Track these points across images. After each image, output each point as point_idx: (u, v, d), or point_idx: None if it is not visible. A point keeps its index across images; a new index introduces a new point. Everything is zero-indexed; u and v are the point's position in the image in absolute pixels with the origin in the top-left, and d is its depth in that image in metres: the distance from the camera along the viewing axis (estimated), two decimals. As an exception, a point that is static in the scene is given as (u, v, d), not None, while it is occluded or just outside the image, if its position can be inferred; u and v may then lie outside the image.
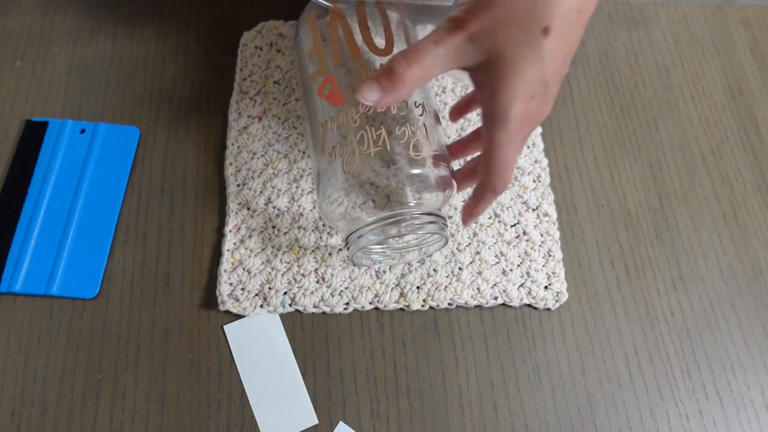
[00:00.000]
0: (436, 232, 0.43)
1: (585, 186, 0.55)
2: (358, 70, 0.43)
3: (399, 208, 0.42)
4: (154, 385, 0.46)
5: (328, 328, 0.48)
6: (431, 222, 0.42)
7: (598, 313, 0.49)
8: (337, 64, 0.44)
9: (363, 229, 0.42)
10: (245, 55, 0.59)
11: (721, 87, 0.60)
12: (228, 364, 0.47)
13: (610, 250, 0.52)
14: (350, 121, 0.42)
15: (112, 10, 0.62)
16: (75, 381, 0.46)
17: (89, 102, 0.57)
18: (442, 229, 0.43)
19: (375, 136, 0.41)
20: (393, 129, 0.41)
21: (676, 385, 0.47)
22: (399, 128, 0.41)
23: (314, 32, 0.45)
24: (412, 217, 0.41)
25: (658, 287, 0.51)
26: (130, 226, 0.51)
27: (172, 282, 0.49)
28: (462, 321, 0.49)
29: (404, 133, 0.41)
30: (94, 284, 0.49)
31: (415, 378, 0.47)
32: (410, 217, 0.41)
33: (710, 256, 0.52)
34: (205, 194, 0.53)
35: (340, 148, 0.42)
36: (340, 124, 0.42)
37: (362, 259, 0.46)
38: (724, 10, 0.65)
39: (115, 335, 0.47)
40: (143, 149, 0.55)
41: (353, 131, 0.41)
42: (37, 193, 0.52)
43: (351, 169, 0.41)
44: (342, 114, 0.42)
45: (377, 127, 0.41)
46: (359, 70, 0.43)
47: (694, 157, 0.57)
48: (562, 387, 0.47)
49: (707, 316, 0.50)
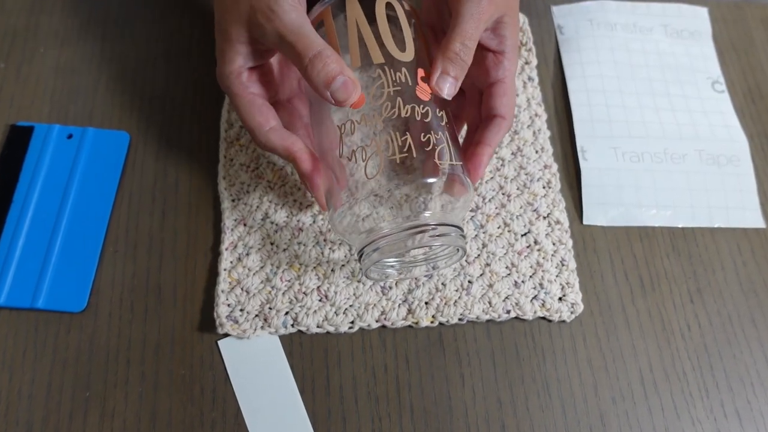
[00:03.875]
0: (458, 244, 0.43)
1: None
2: (382, 72, 0.43)
3: (420, 219, 0.42)
4: (144, 403, 0.47)
5: (327, 344, 0.49)
6: (453, 233, 0.43)
7: (611, 328, 0.50)
8: (356, 65, 0.43)
9: (380, 240, 0.42)
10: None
11: (740, 90, 0.61)
12: (222, 381, 0.47)
13: (624, 262, 0.53)
14: (373, 125, 0.42)
15: (100, 9, 0.63)
16: (62, 399, 0.47)
17: (77, 106, 0.58)
18: (462, 241, 0.44)
19: (401, 142, 0.41)
20: (418, 136, 0.42)
21: (693, 404, 0.48)
22: (424, 135, 0.42)
23: (329, 29, 0.45)
24: (434, 228, 0.42)
25: (675, 300, 0.52)
26: (119, 236, 0.52)
27: (164, 295, 0.50)
28: (468, 336, 0.49)
29: (429, 141, 0.42)
30: (82, 297, 0.50)
31: (418, 396, 0.47)
32: (432, 228, 0.42)
33: (729, 268, 0.53)
34: (198, 202, 0.54)
35: (361, 153, 0.42)
36: (361, 127, 0.42)
37: (374, 273, 0.46)
38: (743, 10, 0.66)
39: (103, 351, 0.48)
40: (133, 155, 0.56)
41: (377, 136, 0.42)
42: (22, 201, 0.52)
43: (375, 174, 0.41)
44: (364, 117, 0.42)
45: (402, 133, 0.42)
46: (384, 71, 0.43)
47: (712, 163, 0.58)
48: (573, 405, 0.48)
49: (726, 331, 0.51)
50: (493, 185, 0.55)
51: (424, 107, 0.43)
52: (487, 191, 0.54)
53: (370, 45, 0.43)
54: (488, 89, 0.47)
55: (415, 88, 0.43)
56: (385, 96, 0.42)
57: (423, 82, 0.43)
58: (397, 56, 0.43)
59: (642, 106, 0.59)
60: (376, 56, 0.43)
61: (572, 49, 0.62)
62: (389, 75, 0.43)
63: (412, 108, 0.42)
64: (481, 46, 0.46)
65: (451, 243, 0.43)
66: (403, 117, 0.42)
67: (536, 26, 0.64)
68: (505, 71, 0.47)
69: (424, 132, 0.42)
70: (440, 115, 0.44)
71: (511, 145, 0.56)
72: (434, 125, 0.43)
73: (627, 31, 0.64)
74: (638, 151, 0.57)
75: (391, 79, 0.42)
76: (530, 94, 0.59)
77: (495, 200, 0.54)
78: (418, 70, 0.44)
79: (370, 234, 0.43)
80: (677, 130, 0.58)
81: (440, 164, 0.42)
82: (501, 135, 0.46)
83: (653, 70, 0.62)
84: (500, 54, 0.47)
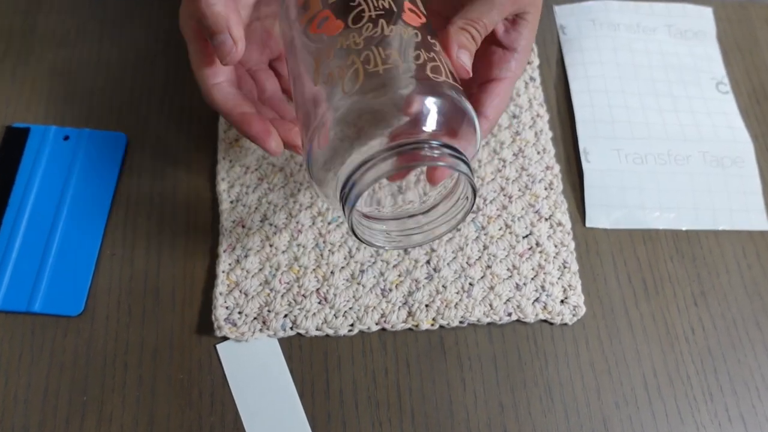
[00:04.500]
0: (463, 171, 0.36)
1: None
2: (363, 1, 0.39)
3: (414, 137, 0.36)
4: (142, 407, 0.47)
5: (327, 347, 0.49)
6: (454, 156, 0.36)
7: (614, 331, 0.50)
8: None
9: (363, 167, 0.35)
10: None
11: (744, 90, 0.62)
12: (221, 385, 0.48)
13: (627, 264, 0.53)
14: (352, 44, 0.37)
15: (97, 9, 0.63)
16: (58, 404, 0.47)
17: (73, 107, 0.58)
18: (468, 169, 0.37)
19: (384, 55, 0.37)
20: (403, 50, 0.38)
21: (698, 408, 0.48)
22: (413, 51, 0.38)
23: None
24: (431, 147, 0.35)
25: (678, 304, 0.52)
26: (117, 238, 0.52)
27: (162, 298, 0.50)
28: (470, 339, 0.50)
29: (419, 57, 0.37)
30: (79, 301, 0.50)
31: (419, 400, 0.48)
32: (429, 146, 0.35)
33: (733, 271, 0.53)
34: (197, 205, 0.54)
35: (339, 72, 0.37)
36: (338, 49, 0.38)
37: (363, 231, 0.40)
38: (748, 9, 0.66)
39: (101, 355, 0.48)
40: (131, 157, 0.56)
41: (356, 53, 0.37)
42: (18, 203, 0.53)
43: (353, 89, 0.36)
44: (341, 38, 0.38)
45: (386, 47, 0.37)
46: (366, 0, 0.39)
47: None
48: (576, 410, 0.48)
49: (730, 335, 0.51)
50: (495, 186, 0.55)
51: (412, 30, 0.39)
52: (488, 192, 0.54)
53: None
54: (483, 85, 0.44)
55: (401, 13, 0.39)
56: (365, 19, 0.38)
57: (411, 12, 0.40)
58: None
59: (645, 107, 0.60)
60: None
61: (575, 50, 0.63)
62: (371, 2, 0.39)
63: (397, 28, 0.38)
64: (490, 39, 0.44)
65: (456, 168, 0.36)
66: (386, 35, 0.38)
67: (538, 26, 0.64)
68: (508, 71, 0.44)
69: (412, 49, 0.38)
70: (432, 42, 0.39)
71: (513, 146, 0.57)
72: (425, 45, 0.39)
73: (630, 31, 0.64)
74: (641, 153, 0.57)
75: (372, 5, 0.39)
76: (532, 95, 0.60)
77: (496, 202, 0.54)
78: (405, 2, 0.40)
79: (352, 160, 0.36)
80: (681, 131, 0.59)
81: (434, 77, 0.37)
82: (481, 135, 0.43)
83: (657, 70, 0.62)
84: (510, 51, 0.44)
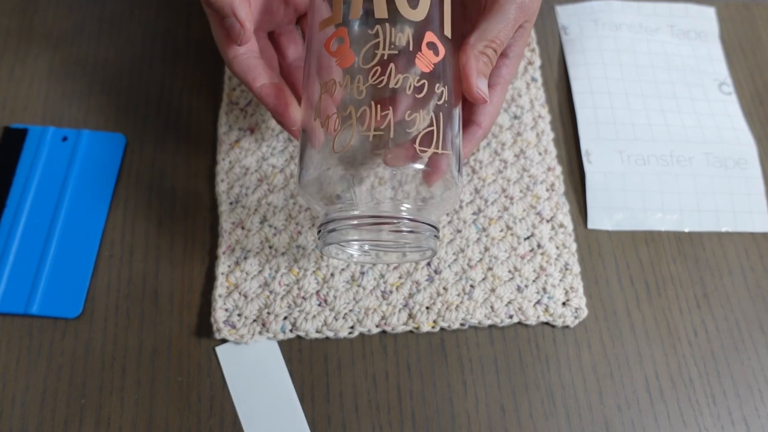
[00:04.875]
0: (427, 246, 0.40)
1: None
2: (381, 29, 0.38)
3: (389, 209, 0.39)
4: (141, 410, 0.47)
5: (327, 350, 0.49)
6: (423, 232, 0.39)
7: (616, 334, 0.51)
8: (355, 16, 0.39)
9: (337, 222, 0.39)
10: None
11: (748, 91, 0.62)
12: (220, 388, 0.48)
13: (630, 266, 0.53)
14: (355, 90, 0.38)
15: (95, 9, 0.63)
16: (56, 406, 0.47)
17: (72, 108, 0.58)
18: (431, 243, 0.40)
19: (380, 117, 0.37)
20: (404, 113, 0.38)
21: (700, 411, 0.48)
22: (410, 113, 0.38)
23: None
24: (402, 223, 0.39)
25: (681, 306, 0.52)
26: (115, 240, 0.53)
27: (161, 300, 0.50)
28: (471, 342, 0.50)
29: (414, 121, 0.38)
30: (77, 303, 0.50)
31: (420, 403, 0.48)
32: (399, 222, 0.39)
33: (736, 273, 0.53)
34: (196, 207, 0.54)
35: (335, 121, 0.38)
36: (342, 90, 0.39)
37: (333, 252, 0.43)
38: (751, 10, 0.66)
39: (99, 357, 0.49)
40: (130, 158, 0.56)
41: (355, 104, 0.38)
42: (16, 204, 0.53)
43: (342, 149, 0.38)
44: (347, 79, 0.38)
45: (384, 107, 0.38)
46: (384, 29, 0.38)
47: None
48: (578, 413, 0.48)
49: (733, 337, 0.51)
50: (496, 188, 0.55)
51: (419, 80, 0.38)
52: (490, 194, 0.55)
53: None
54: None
55: (416, 54, 0.39)
56: (377, 59, 0.38)
57: (428, 49, 0.39)
58: (404, 13, 0.39)
59: (648, 108, 0.60)
60: (379, 9, 0.38)
61: (576, 50, 0.63)
62: (388, 35, 0.38)
63: (404, 78, 0.38)
64: None
65: (419, 244, 0.40)
66: (391, 87, 0.38)
67: (540, 26, 0.64)
68: (499, 78, 0.45)
69: (411, 109, 0.38)
70: (440, 92, 0.39)
71: (514, 147, 0.57)
72: (427, 103, 0.39)
73: (632, 31, 0.64)
74: (644, 154, 0.57)
75: (388, 40, 0.38)
76: (534, 96, 0.60)
77: (497, 203, 0.54)
78: (426, 33, 0.39)
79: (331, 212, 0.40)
80: (684, 132, 0.59)
81: (419, 150, 0.38)
82: (473, 144, 0.44)
83: (659, 71, 0.62)
84: (502, 58, 0.44)
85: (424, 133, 0.38)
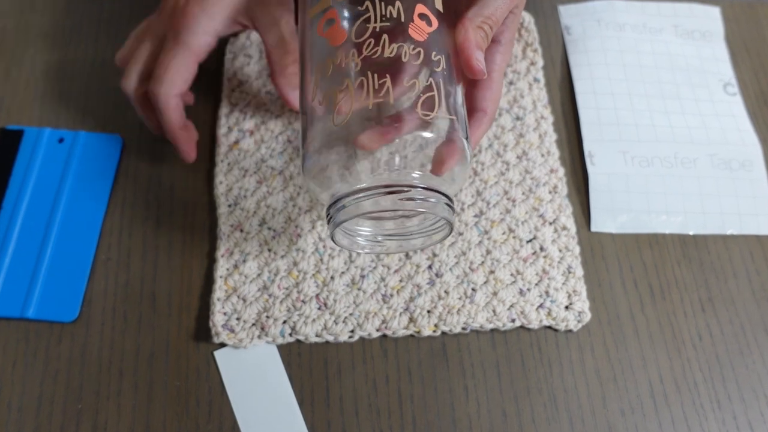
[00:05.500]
0: (443, 215, 0.38)
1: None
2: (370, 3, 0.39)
3: (400, 178, 0.38)
4: (138, 415, 0.47)
5: (327, 354, 0.49)
6: (437, 201, 0.38)
7: (619, 338, 0.51)
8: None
9: (347, 198, 0.38)
10: (234, 64, 0.60)
11: (753, 92, 0.62)
12: (219, 393, 0.48)
13: (633, 269, 0.53)
14: (350, 63, 0.38)
15: (93, 10, 0.63)
16: (53, 411, 0.47)
17: (68, 109, 0.58)
18: (449, 213, 0.39)
19: (377, 84, 0.37)
20: (401, 79, 0.38)
21: (705, 416, 0.48)
22: (408, 79, 0.38)
23: None
24: (414, 191, 0.37)
25: (685, 309, 0.52)
26: (112, 243, 0.53)
27: (158, 304, 0.51)
28: (472, 346, 0.50)
29: (414, 86, 0.38)
30: (74, 306, 0.50)
31: (421, 408, 0.48)
32: (411, 190, 0.37)
33: (741, 276, 0.54)
34: (194, 209, 0.54)
35: (332, 96, 0.38)
36: (336, 66, 0.39)
37: (343, 239, 0.42)
38: (757, 9, 0.67)
39: (96, 362, 0.49)
40: (127, 160, 0.56)
41: (352, 76, 0.38)
42: (11, 207, 0.53)
43: (342, 121, 0.37)
44: (341, 54, 0.38)
45: (382, 75, 0.38)
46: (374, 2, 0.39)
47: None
48: (581, 418, 0.48)
49: (738, 341, 0.51)
50: (498, 190, 0.55)
51: (415, 48, 0.39)
52: (492, 196, 0.55)
53: None
54: (473, 81, 0.45)
55: (408, 24, 0.39)
56: (369, 32, 0.38)
57: (420, 19, 0.39)
58: None
59: (651, 109, 0.60)
60: None
61: (579, 50, 0.63)
62: (378, 8, 0.39)
63: (399, 47, 0.38)
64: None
65: (435, 212, 0.38)
66: (386, 56, 0.38)
67: (543, 26, 0.64)
68: (494, 64, 0.45)
69: (409, 77, 0.38)
70: (437, 59, 0.39)
71: (517, 149, 0.57)
72: (425, 69, 0.39)
73: (636, 31, 0.64)
74: (648, 156, 0.58)
75: (379, 12, 0.39)
76: (536, 96, 0.60)
77: (500, 205, 0.54)
78: (417, 5, 0.40)
79: (338, 191, 0.39)
80: (688, 133, 0.59)
81: (422, 115, 0.38)
82: (482, 130, 0.45)
83: (663, 71, 0.62)
84: (495, 44, 0.45)
85: (425, 97, 0.38)
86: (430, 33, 0.40)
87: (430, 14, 0.40)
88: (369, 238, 0.44)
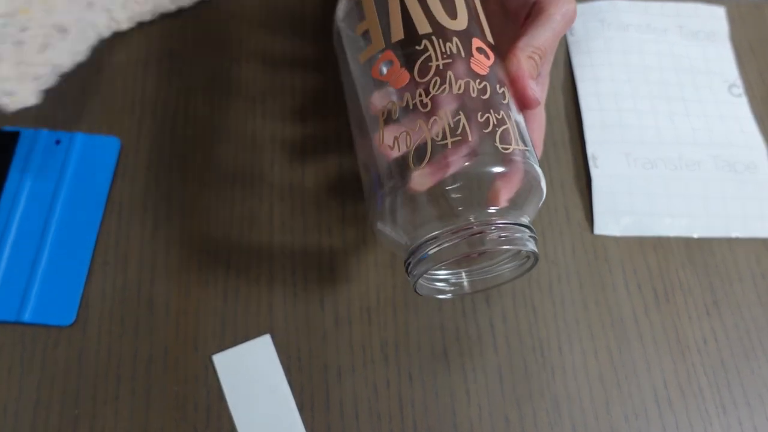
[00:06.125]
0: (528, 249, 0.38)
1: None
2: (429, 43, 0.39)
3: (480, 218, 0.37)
4: (135, 420, 0.47)
5: (327, 358, 0.49)
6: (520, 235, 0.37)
7: (623, 342, 0.51)
8: (398, 37, 0.39)
9: (427, 245, 0.37)
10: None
11: (758, 93, 0.62)
12: (217, 397, 0.48)
13: (637, 273, 0.54)
14: (419, 104, 0.38)
15: (90, 9, 0.63)
16: (49, 416, 0.47)
17: (65, 110, 0.58)
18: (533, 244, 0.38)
19: (452, 123, 0.37)
20: (473, 116, 0.38)
21: (710, 421, 0.48)
22: (482, 115, 0.38)
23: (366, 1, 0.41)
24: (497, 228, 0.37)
25: (690, 313, 0.52)
26: (109, 246, 0.53)
27: (156, 308, 0.51)
28: (474, 350, 0.50)
29: (488, 121, 0.38)
30: (70, 310, 0.50)
31: (422, 413, 0.48)
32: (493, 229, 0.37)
33: (747, 280, 0.54)
34: (192, 211, 0.54)
35: (405, 138, 0.37)
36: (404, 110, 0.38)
37: (423, 288, 0.42)
38: (762, 10, 0.67)
39: (93, 366, 0.49)
40: (124, 162, 0.56)
41: (423, 117, 0.38)
42: (7, 210, 0.53)
43: (422, 164, 0.37)
44: (408, 97, 0.38)
45: (454, 113, 0.37)
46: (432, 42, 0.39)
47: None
48: (584, 423, 0.48)
49: (743, 345, 0.51)
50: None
51: (480, 82, 0.39)
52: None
53: (414, 12, 0.40)
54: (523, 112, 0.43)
55: (470, 60, 0.39)
56: (433, 70, 0.38)
57: (479, 53, 0.40)
58: (447, 24, 0.40)
59: (655, 111, 0.60)
60: (421, 25, 0.39)
61: (582, 51, 0.63)
62: (438, 46, 0.39)
63: (466, 83, 0.38)
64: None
65: (520, 247, 0.37)
66: (455, 93, 0.38)
67: (545, 27, 0.65)
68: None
69: (481, 111, 0.38)
70: (501, 92, 0.40)
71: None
72: (494, 103, 0.39)
73: (640, 32, 0.64)
74: (651, 158, 0.58)
75: (440, 50, 0.39)
76: (539, 98, 0.60)
77: (502, 208, 0.54)
78: (473, 39, 0.40)
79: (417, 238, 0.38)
80: (692, 135, 0.59)
81: (503, 149, 0.37)
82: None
83: (667, 72, 0.62)
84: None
85: (501, 131, 0.38)
86: (490, 66, 0.40)
87: (486, 47, 0.41)
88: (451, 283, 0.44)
